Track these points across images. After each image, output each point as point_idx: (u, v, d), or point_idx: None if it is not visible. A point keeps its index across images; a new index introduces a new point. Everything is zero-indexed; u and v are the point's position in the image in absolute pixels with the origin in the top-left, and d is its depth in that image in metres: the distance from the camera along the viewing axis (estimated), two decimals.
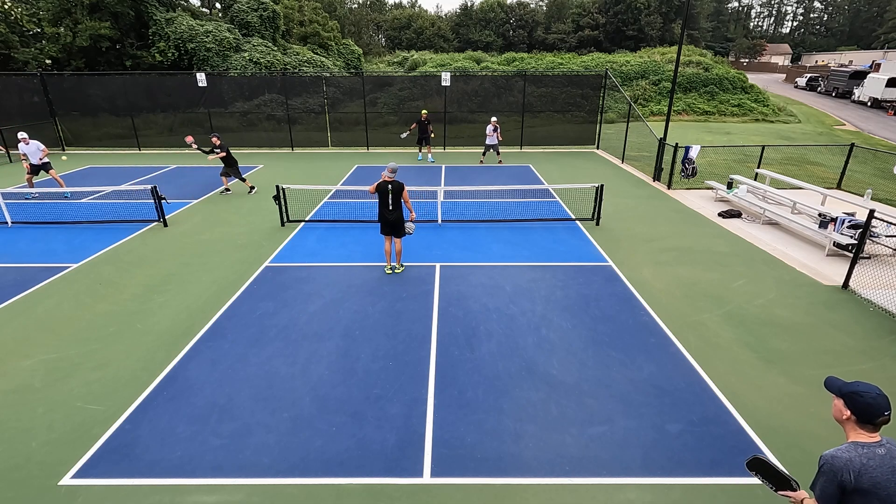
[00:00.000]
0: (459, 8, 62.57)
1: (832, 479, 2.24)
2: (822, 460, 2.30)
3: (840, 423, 2.40)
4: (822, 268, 8.26)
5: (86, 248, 9.10)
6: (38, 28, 25.68)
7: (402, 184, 7.47)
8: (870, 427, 2.28)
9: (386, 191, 7.41)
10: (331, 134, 21.01)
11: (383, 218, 7.62)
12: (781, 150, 18.17)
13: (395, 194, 7.42)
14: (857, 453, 2.24)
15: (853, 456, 2.23)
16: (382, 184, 7.43)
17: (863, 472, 2.20)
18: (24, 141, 12.13)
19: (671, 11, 56.43)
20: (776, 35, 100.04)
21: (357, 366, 5.55)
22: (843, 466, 2.22)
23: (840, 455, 2.25)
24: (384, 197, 7.46)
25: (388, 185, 7.40)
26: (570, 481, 4.04)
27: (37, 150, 12.30)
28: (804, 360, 5.69)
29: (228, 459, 4.25)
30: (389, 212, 7.50)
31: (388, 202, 7.44)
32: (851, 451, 2.25)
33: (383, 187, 7.43)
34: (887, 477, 2.20)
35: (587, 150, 19.97)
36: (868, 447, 2.25)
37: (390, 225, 7.63)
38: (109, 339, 6.14)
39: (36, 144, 12.33)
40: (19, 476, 4.10)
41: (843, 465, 2.22)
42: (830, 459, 2.27)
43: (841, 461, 2.23)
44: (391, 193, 7.40)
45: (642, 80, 31.48)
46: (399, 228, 7.66)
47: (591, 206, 10.61)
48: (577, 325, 6.41)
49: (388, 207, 7.48)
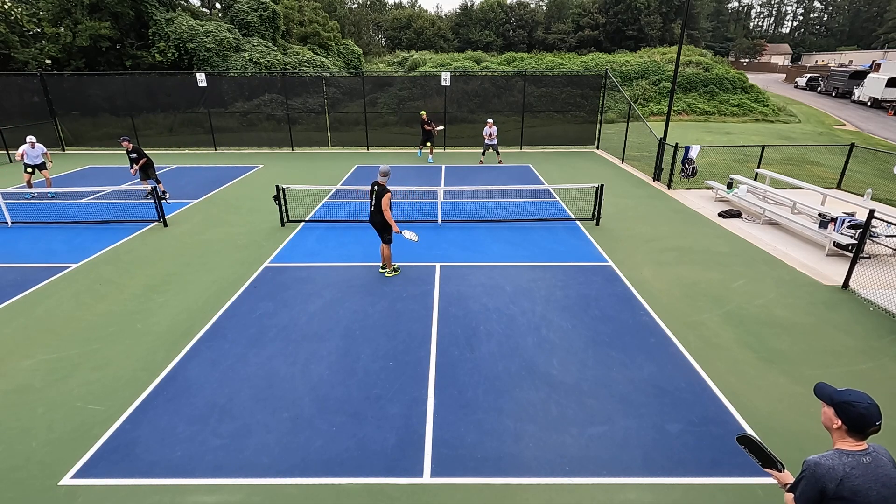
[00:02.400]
0: (459, 8, 62.59)
1: (814, 485, 2.21)
2: (806, 465, 2.28)
3: (828, 430, 2.37)
4: (822, 268, 8.26)
5: (86, 248, 9.10)
6: (38, 28, 25.70)
7: (384, 189, 7.28)
8: (859, 436, 2.26)
9: (371, 192, 7.47)
10: (331, 134, 21.02)
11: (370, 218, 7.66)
12: (781, 150, 18.17)
13: (376, 198, 7.38)
14: (842, 462, 2.21)
15: (837, 464, 2.21)
16: (372, 184, 7.49)
17: (845, 480, 2.16)
18: (32, 145, 12.27)
19: (671, 11, 56.45)
20: (776, 35, 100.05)
21: (357, 366, 5.55)
22: (825, 474, 2.19)
23: (824, 462, 2.23)
24: (370, 198, 7.52)
25: (374, 187, 7.42)
26: (570, 481, 4.04)
27: (40, 154, 12.49)
28: (804, 360, 5.69)
29: (228, 459, 4.25)
30: (372, 213, 7.53)
31: (371, 203, 7.50)
32: (836, 459, 2.22)
33: (371, 187, 7.49)
34: (868, 485, 2.16)
35: (587, 150, 19.97)
36: (853, 455, 2.22)
37: (373, 226, 7.66)
38: (109, 339, 6.14)
39: (41, 149, 12.53)
40: (19, 476, 4.10)
41: (826, 473, 2.19)
42: (814, 466, 2.24)
43: (824, 468, 2.21)
44: (374, 195, 7.42)
45: (642, 80, 31.49)
46: (382, 232, 7.58)
47: (591, 206, 10.61)
48: (577, 325, 6.41)
49: (371, 208, 7.53)
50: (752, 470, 4.14)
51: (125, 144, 11.69)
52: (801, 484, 2.26)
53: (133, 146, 11.75)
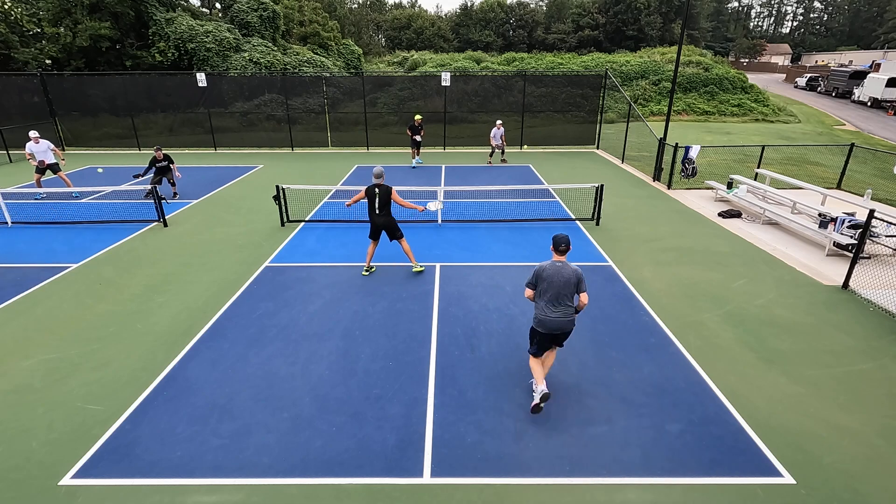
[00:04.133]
0: (459, 8, 62.53)
1: (534, 273, 4.69)
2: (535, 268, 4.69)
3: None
4: (822, 268, 8.26)
5: (86, 248, 9.10)
6: (38, 28, 25.68)
7: (389, 187, 7.46)
8: (556, 253, 4.65)
9: (373, 195, 7.47)
10: (331, 134, 21.02)
11: (373, 222, 7.65)
12: (781, 150, 18.17)
13: (382, 198, 7.44)
14: (547, 264, 4.64)
15: (545, 264, 4.64)
16: (370, 188, 7.49)
17: (543, 271, 4.62)
18: (35, 140, 12.07)
19: (671, 11, 56.42)
20: (776, 35, 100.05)
21: (357, 366, 5.55)
22: (537, 268, 4.67)
23: (540, 264, 4.68)
24: (371, 201, 7.52)
25: (374, 190, 7.44)
26: (570, 481, 4.04)
27: (47, 149, 12.24)
28: (804, 360, 5.69)
29: (228, 459, 4.25)
30: (377, 216, 7.53)
31: (375, 206, 7.50)
32: (546, 263, 4.65)
33: (370, 192, 7.48)
34: (549, 273, 4.57)
35: (587, 150, 19.98)
36: (553, 263, 4.62)
37: (381, 228, 7.66)
38: (109, 339, 6.14)
39: (47, 144, 12.31)
40: (19, 476, 4.10)
41: (538, 268, 4.66)
42: (538, 266, 4.68)
43: (538, 266, 4.67)
44: (378, 197, 7.45)
45: (642, 80, 31.48)
46: (393, 230, 7.66)
47: (591, 206, 10.61)
48: (577, 324, 6.39)
49: (375, 212, 7.53)
50: (752, 470, 4.15)
51: (157, 154, 11.89)
52: (530, 275, 4.73)
53: (163, 154, 11.98)
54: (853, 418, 4.75)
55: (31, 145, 12.08)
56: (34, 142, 12.08)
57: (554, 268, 4.54)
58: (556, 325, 4.62)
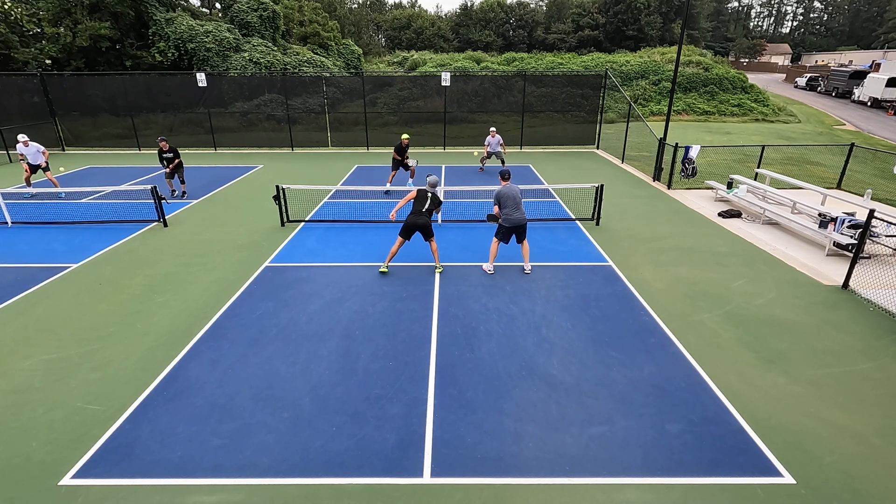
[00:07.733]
0: (459, 8, 62.54)
1: (496, 196, 7.64)
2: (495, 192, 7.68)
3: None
4: (822, 268, 8.26)
5: (86, 248, 9.10)
6: (38, 28, 25.67)
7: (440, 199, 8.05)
8: (503, 180, 7.80)
9: (425, 197, 7.85)
10: (331, 134, 21.02)
11: (413, 222, 7.69)
12: (781, 150, 18.17)
13: (433, 203, 7.85)
14: (503, 188, 7.66)
15: (501, 188, 7.68)
16: (422, 191, 7.93)
17: (500, 192, 7.62)
18: (25, 143, 12.27)
19: (671, 11, 56.44)
20: (776, 35, 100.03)
21: (357, 366, 5.55)
22: (498, 192, 7.65)
23: (499, 189, 7.68)
24: (422, 203, 7.81)
25: (427, 193, 7.89)
26: (570, 481, 4.04)
27: (37, 152, 12.46)
28: (804, 360, 5.69)
29: (228, 459, 4.25)
30: (420, 215, 7.71)
31: (423, 207, 7.77)
32: (501, 187, 7.71)
33: (422, 194, 7.90)
34: (505, 192, 7.57)
35: (587, 150, 19.97)
36: (506, 186, 7.67)
37: (418, 228, 7.74)
38: (109, 339, 6.15)
39: (36, 147, 12.46)
40: (19, 476, 4.10)
41: (498, 191, 7.65)
42: (496, 190, 7.71)
43: (497, 191, 7.66)
44: (429, 201, 7.83)
45: (642, 80, 31.47)
46: (429, 231, 7.81)
47: (591, 206, 10.61)
48: (577, 324, 6.42)
49: (421, 212, 7.75)
50: (752, 470, 4.15)
51: (162, 144, 11.90)
52: (493, 199, 7.68)
53: (169, 146, 11.96)
54: (853, 418, 4.75)
55: (21, 147, 12.29)
56: (24, 145, 12.27)
57: (507, 188, 7.61)
58: (518, 221, 7.56)
